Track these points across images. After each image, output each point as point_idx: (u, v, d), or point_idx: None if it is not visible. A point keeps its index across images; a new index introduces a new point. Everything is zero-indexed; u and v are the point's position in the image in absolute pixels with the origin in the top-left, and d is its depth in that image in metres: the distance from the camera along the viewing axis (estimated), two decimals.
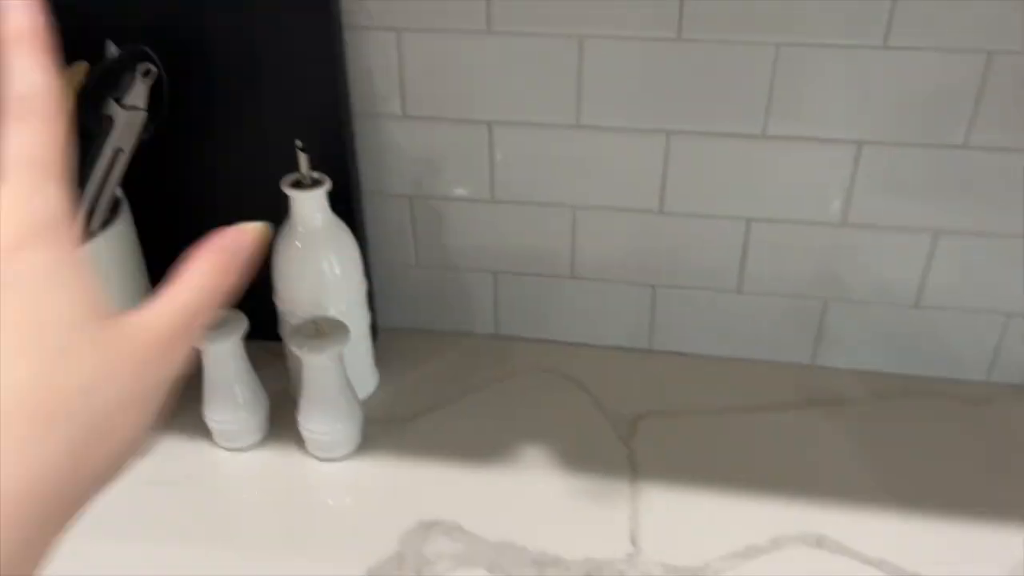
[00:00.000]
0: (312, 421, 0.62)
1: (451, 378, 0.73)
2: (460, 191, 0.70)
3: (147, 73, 0.54)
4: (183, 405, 0.67)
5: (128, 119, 0.54)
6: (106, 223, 0.60)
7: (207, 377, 0.62)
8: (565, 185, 0.68)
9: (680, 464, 0.63)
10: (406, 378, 0.72)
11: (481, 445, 0.65)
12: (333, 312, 0.64)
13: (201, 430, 0.65)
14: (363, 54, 0.65)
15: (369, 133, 0.68)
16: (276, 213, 0.63)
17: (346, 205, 0.67)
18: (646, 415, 0.68)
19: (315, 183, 0.61)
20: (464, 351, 0.76)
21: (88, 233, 0.58)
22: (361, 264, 0.66)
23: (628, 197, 0.68)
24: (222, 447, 0.65)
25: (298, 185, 0.61)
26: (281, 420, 0.66)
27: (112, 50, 0.58)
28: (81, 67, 0.55)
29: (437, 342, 0.77)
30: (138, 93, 0.54)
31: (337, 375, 0.61)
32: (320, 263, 0.63)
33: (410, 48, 0.64)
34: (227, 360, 0.61)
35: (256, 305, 0.63)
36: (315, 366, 0.60)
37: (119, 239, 0.61)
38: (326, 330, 0.60)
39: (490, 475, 0.62)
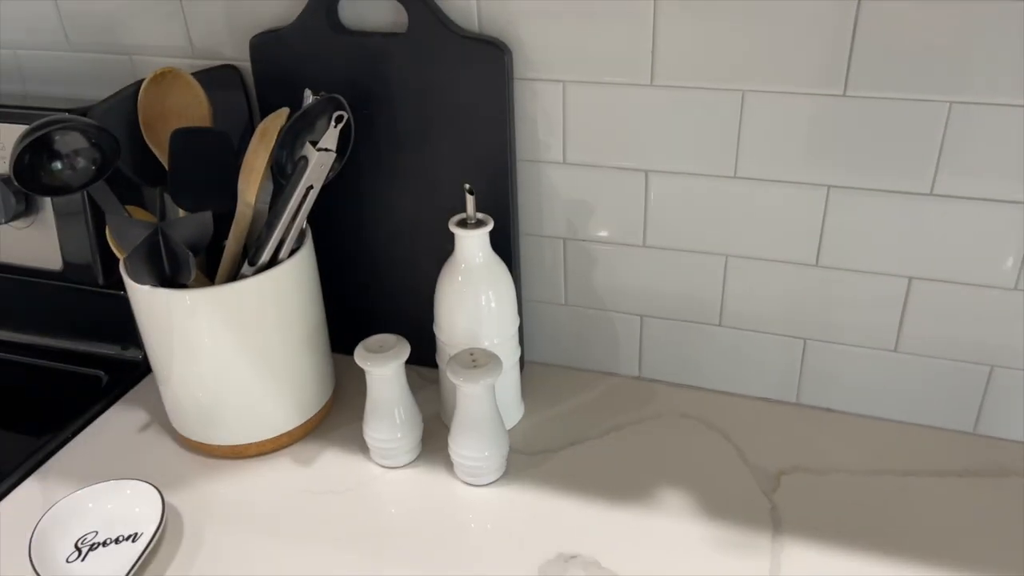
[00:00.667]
0: (462, 446, 0.65)
1: (593, 415, 0.74)
2: (613, 235, 0.72)
3: (339, 119, 0.60)
4: (346, 421, 0.73)
5: (320, 159, 0.60)
6: (293, 251, 0.66)
7: (370, 397, 0.67)
8: (718, 234, 0.69)
9: (825, 523, 0.62)
10: (550, 412, 0.75)
11: (621, 484, 0.66)
12: (487, 344, 0.68)
13: (360, 446, 0.70)
14: (529, 104, 0.69)
15: (529, 178, 0.72)
16: (441, 248, 0.68)
17: (504, 244, 0.71)
18: (791, 470, 0.67)
19: (479, 223, 0.66)
20: (607, 390, 0.78)
21: (277, 260, 0.65)
22: (515, 300, 0.69)
23: (783, 249, 0.68)
24: (377, 463, 0.69)
25: (463, 224, 0.66)
26: (432, 443, 0.70)
27: (309, 98, 0.65)
28: (283, 112, 0.62)
29: (581, 379, 0.79)
30: (331, 137, 0.60)
31: (488, 404, 0.64)
32: (479, 297, 0.67)
33: (574, 99, 0.67)
34: (390, 383, 0.66)
35: (414, 333, 0.68)
36: (469, 394, 0.63)
37: (302, 265, 0.67)
38: (481, 361, 0.63)
39: (630, 515, 0.64)
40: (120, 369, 0.82)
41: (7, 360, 0.84)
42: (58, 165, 0.60)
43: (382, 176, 0.73)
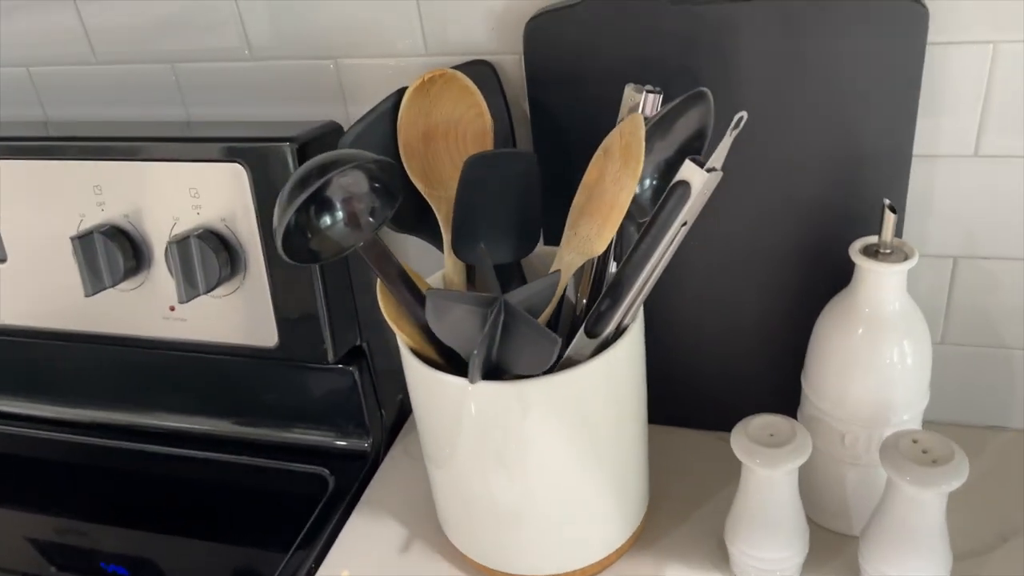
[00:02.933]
0: (895, 566, 0.46)
1: (1001, 490, 0.55)
2: None
3: (737, 124, 0.41)
4: (668, 525, 0.55)
5: (708, 183, 0.41)
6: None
7: (746, 500, 0.48)
8: None
9: None
10: None
11: None
12: (894, 422, 0.49)
13: (708, 558, 0.52)
14: (936, 80, 0.49)
15: (917, 178, 0.52)
16: (784, 278, 0.50)
17: None
18: None
19: (899, 255, 0.46)
20: (999, 451, 0.59)
21: (621, 329, 0.46)
22: (931, 359, 0.50)
23: None
24: None
25: (874, 254, 0.47)
26: (818, 554, 0.52)
27: (634, 95, 0.46)
28: (637, 121, 0.43)
29: (960, 437, 0.60)
30: (722, 150, 0.41)
31: (941, 517, 0.45)
32: (891, 357, 0.48)
33: (1007, 67, 0.48)
34: (782, 485, 0.47)
35: (731, 387, 0.52)
36: (921, 502, 0.44)
37: (640, 336, 0.49)
38: (939, 455, 0.44)
39: None
40: (344, 462, 0.64)
41: (204, 459, 0.66)
42: (328, 220, 0.42)
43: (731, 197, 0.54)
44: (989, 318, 0.56)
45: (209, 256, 0.55)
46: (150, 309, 0.61)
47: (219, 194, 0.56)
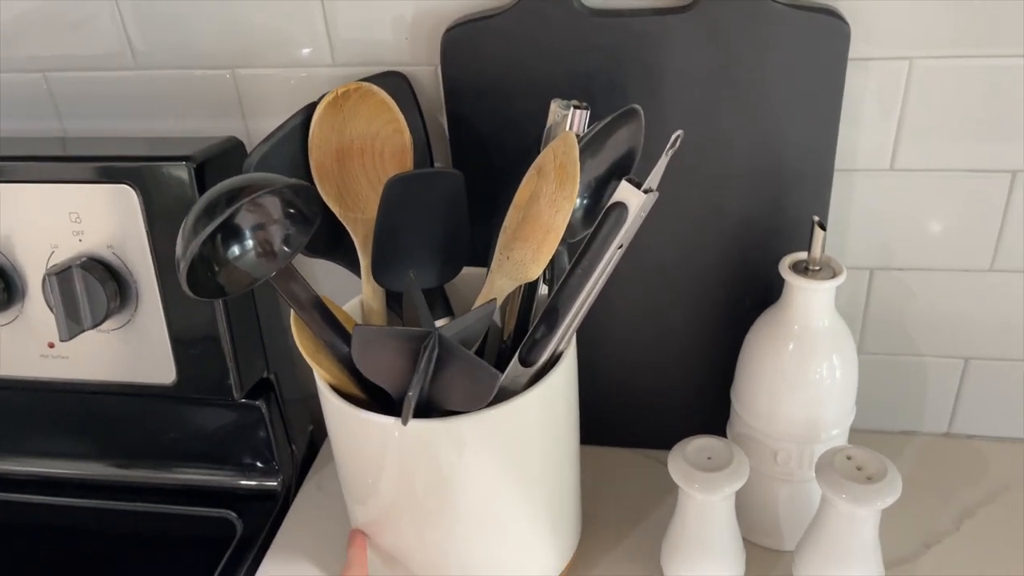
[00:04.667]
0: None
1: (923, 496, 0.56)
2: (947, 259, 0.54)
3: (673, 144, 0.39)
4: (600, 551, 0.54)
5: (645, 205, 0.39)
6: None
7: (683, 525, 0.47)
8: None
9: None
10: None
11: None
12: (824, 437, 0.49)
13: None
14: (856, 94, 0.49)
15: (836, 192, 0.53)
16: (709, 294, 0.49)
17: None
18: None
19: (828, 271, 0.46)
20: (917, 455, 0.60)
21: (555, 357, 0.44)
22: (857, 374, 0.50)
23: None
24: None
25: (804, 271, 0.46)
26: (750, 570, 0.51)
27: (560, 111, 0.44)
28: (570, 139, 0.40)
29: (876, 443, 0.60)
30: (659, 170, 0.40)
31: (875, 531, 0.45)
32: (819, 374, 0.48)
33: (922, 83, 0.49)
34: (720, 509, 0.46)
35: (656, 403, 0.52)
36: (852, 518, 0.44)
37: (574, 363, 0.47)
38: (873, 472, 0.44)
39: None
40: (252, 503, 0.59)
41: (96, 508, 0.60)
42: (237, 251, 0.38)
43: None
44: (904, 327, 0.58)
45: (94, 287, 0.50)
46: (25, 347, 0.55)
47: (104, 218, 0.50)
